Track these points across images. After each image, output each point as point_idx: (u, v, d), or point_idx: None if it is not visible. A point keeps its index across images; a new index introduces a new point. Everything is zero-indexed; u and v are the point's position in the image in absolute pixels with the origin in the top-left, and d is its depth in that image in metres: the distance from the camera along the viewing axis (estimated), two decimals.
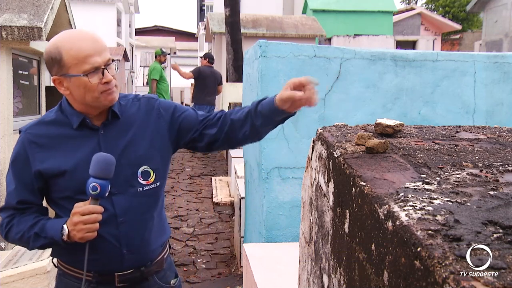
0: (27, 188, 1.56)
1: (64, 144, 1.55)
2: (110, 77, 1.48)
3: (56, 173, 1.52)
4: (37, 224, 1.53)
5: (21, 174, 1.55)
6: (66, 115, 1.57)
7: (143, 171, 1.58)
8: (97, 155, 1.44)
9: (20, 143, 1.57)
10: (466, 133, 1.16)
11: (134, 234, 1.58)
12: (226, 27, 11.09)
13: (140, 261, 1.61)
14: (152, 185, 1.61)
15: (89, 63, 1.45)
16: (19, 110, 4.38)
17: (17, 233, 1.54)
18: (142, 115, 1.64)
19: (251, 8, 17.37)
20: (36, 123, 1.60)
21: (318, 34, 13.22)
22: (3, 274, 2.72)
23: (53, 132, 1.56)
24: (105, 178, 1.43)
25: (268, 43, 3.13)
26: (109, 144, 1.56)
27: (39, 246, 1.55)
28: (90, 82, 1.45)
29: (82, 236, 1.44)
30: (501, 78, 3.40)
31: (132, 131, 1.60)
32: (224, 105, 9.27)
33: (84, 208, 1.44)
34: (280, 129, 3.16)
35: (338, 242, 0.85)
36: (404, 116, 3.28)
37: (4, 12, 3.88)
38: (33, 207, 1.59)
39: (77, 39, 1.47)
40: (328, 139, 1.02)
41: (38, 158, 1.53)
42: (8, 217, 1.58)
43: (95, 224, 1.44)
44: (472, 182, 0.74)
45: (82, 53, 1.45)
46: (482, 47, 13.25)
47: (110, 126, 1.58)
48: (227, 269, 4.27)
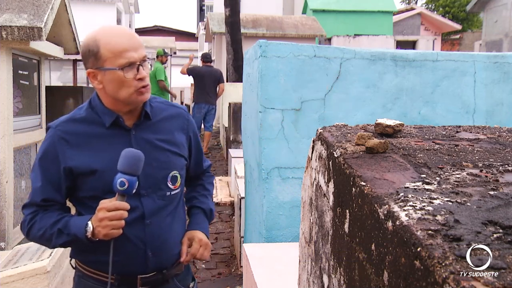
0: (53, 186, 1.54)
1: (94, 142, 1.53)
2: (145, 74, 1.49)
3: (86, 172, 1.51)
4: (60, 220, 1.51)
5: (49, 171, 1.53)
6: (97, 113, 1.56)
7: (172, 176, 1.59)
8: (126, 150, 1.43)
9: (49, 139, 1.54)
10: (466, 133, 1.16)
11: (159, 237, 1.57)
12: (226, 27, 11.09)
13: (162, 264, 1.60)
14: (177, 190, 1.63)
15: (125, 57, 1.45)
16: (19, 110, 4.38)
17: (39, 229, 1.52)
18: (172, 122, 1.66)
19: (251, 8, 17.37)
20: (66, 120, 1.57)
21: (318, 34, 13.22)
22: (3, 274, 2.72)
23: (84, 130, 1.55)
24: (133, 174, 1.41)
25: (268, 43, 3.13)
26: (141, 145, 1.55)
27: (62, 243, 1.52)
28: (125, 76, 1.46)
29: (107, 232, 1.42)
30: (501, 78, 3.40)
31: (162, 135, 1.61)
32: (224, 105, 9.28)
33: (110, 204, 1.42)
34: (280, 129, 3.16)
35: (338, 242, 0.85)
36: (404, 116, 3.28)
37: (4, 12, 3.88)
38: (57, 205, 1.57)
39: (115, 34, 1.48)
40: (328, 139, 1.02)
41: (68, 155, 1.51)
42: (31, 213, 1.55)
43: (121, 221, 1.42)
44: (472, 182, 0.74)
45: (119, 47, 1.45)
46: (482, 47, 13.26)
47: (142, 127, 1.58)
48: (227, 269, 4.27)
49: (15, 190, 4.18)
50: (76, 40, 5.19)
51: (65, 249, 3.13)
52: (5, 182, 3.89)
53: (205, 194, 1.82)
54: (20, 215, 4.32)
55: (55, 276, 2.90)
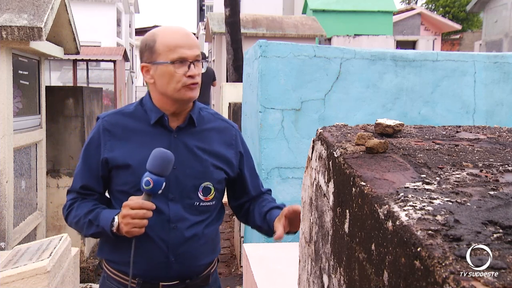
0: (92, 173, 1.57)
1: (136, 138, 1.56)
2: (195, 72, 1.50)
3: (120, 164, 1.53)
4: (93, 211, 1.53)
5: (90, 158, 1.57)
6: (145, 110, 1.59)
7: (205, 187, 1.58)
8: (156, 150, 1.42)
9: (96, 128, 1.59)
10: (466, 133, 1.16)
11: (183, 244, 1.55)
12: (226, 27, 11.09)
13: (186, 273, 1.58)
14: (209, 202, 1.60)
15: (178, 52, 1.48)
16: (19, 110, 4.38)
17: (75, 217, 1.56)
18: (218, 135, 1.65)
19: (251, 8, 17.38)
20: (114, 112, 1.62)
21: (318, 34, 13.22)
22: (3, 274, 2.72)
23: (129, 124, 1.58)
24: (161, 175, 1.40)
25: (268, 43, 3.13)
26: (180, 149, 1.55)
27: (91, 234, 1.54)
28: (176, 71, 1.48)
29: (128, 230, 1.42)
30: (501, 78, 3.40)
31: (204, 144, 1.60)
32: (224, 105, 9.28)
33: (134, 203, 1.42)
34: (280, 129, 3.16)
35: (338, 242, 0.85)
36: (404, 116, 3.28)
37: (4, 12, 3.88)
38: (95, 194, 1.60)
39: (172, 31, 1.54)
40: (328, 139, 1.02)
41: (108, 146, 1.55)
42: (71, 199, 1.60)
43: (143, 221, 1.42)
44: (472, 182, 0.74)
45: (174, 42, 1.49)
46: (482, 47, 13.26)
47: (184, 132, 1.58)
48: (227, 269, 4.27)
49: (15, 190, 4.18)
50: (76, 40, 5.19)
51: (64, 249, 3.13)
52: (5, 182, 3.89)
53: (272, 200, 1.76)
54: (20, 215, 4.32)
55: (55, 276, 2.90)
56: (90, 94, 6.33)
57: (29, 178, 4.61)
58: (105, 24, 18.86)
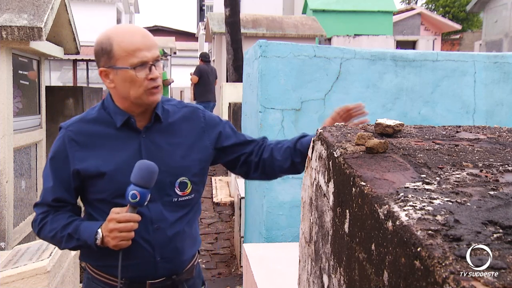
0: (64, 186, 1.53)
1: (105, 144, 1.51)
2: (157, 74, 1.46)
3: (94, 174, 1.49)
4: (71, 224, 1.50)
5: (59, 171, 1.53)
6: (109, 113, 1.54)
7: (181, 182, 1.56)
8: (141, 162, 1.40)
9: (60, 140, 1.53)
10: (466, 133, 1.16)
11: (167, 243, 1.54)
12: (226, 27, 11.08)
13: (172, 270, 1.57)
14: (187, 196, 1.58)
15: (138, 57, 1.43)
16: (19, 110, 4.38)
17: (50, 231, 1.52)
18: (186, 124, 1.61)
19: (251, 8, 17.37)
20: (77, 120, 1.56)
21: (318, 34, 13.22)
22: (3, 274, 2.72)
23: (95, 130, 1.53)
24: (146, 187, 1.39)
25: (268, 43, 3.13)
26: (150, 149, 1.53)
27: (72, 247, 1.52)
28: (137, 76, 1.43)
29: (116, 244, 1.41)
30: (501, 78, 3.40)
31: (174, 138, 1.57)
32: (224, 105, 9.28)
33: (121, 216, 1.40)
34: (280, 129, 3.16)
35: (338, 242, 0.85)
36: (404, 116, 3.28)
37: (4, 12, 3.88)
38: (68, 206, 1.56)
39: (129, 33, 1.47)
40: (328, 139, 1.02)
41: (77, 157, 1.50)
42: (42, 213, 1.55)
43: (131, 233, 1.40)
44: (472, 182, 0.74)
45: (133, 46, 1.43)
46: (482, 47, 13.26)
47: (152, 130, 1.55)
48: (227, 269, 4.27)
49: (15, 190, 4.18)
50: (76, 40, 5.19)
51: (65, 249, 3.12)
52: (5, 182, 3.89)
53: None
54: (20, 215, 4.32)
55: (55, 276, 2.90)
56: (90, 94, 6.33)
57: (29, 178, 4.61)
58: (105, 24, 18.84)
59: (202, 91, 9.17)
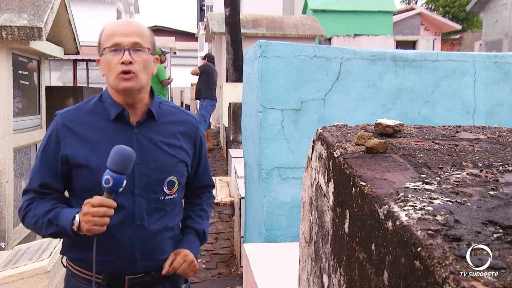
0: (51, 171, 1.53)
1: (96, 135, 1.52)
2: (128, 58, 1.46)
3: (81, 164, 1.49)
4: (52, 210, 1.50)
5: (48, 156, 1.53)
6: (105, 106, 1.56)
7: (169, 181, 1.57)
8: (117, 147, 1.40)
9: (53, 125, 1.55)
10: (466, 133, 1.16)
11: (149, 240, 1.55)
12: (226, 27, 11.09)
13: (151, 267, 1.58)
14: (173, 195, 1.59)
15: (112, 40, 1.47)
16: (19, 110, 4.38)
17: (33, 217, 1.52)
18: (178, 127, 1.63)
19: (251, 8, 17.37)
20: (73, 109, 1.59)
21: (318, 34, 13.22)
22: (3, 274, 2.72)
23: (88, 120, 1.54)
24: (121, 173, 1.38)
25: (268, 43, 3.13)
26: (143, 144, 1.53)
27: (51, 233, 1.51)
28: (111, 59, 1.46)
29: (89, 228, 1.40)
30: (501, 78, 3.40)
31: (166, 137, 1.58)
32: (224, 105, 9.29)
33: (94, 200, 1.39)
34: (280, 129, 3.16)
35: (338, 242, 0.85)
36: (404, 116, 3.28)
37: (4, 12, 3.88)
38: (54, 193, 1.56)
39: (115, 22, 1.54)
40: (328, 139, 1.02)
41: (68, 143, 1.51)
42: (28, 200, 1.55)
43: (104, 219, 1.39)
44: (472, 182, 0.74)
45: (110, 31, 1.49)
46: (482, 47, 13.25)
47: (145, 126, 1.56)
48: (227, 269, 4.27)
49: (15, 190, 4.18)
50: (76, 40, 5.18)
51: None
52: (5, 182, 3.89)
53: (201, 215, 1.77)
54: None
55: (55, 276, 2.90)
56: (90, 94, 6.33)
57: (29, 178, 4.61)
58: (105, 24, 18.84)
59: (207, 89, 9.23)
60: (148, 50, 1.51)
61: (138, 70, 1.48)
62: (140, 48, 1.49)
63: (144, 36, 1.52)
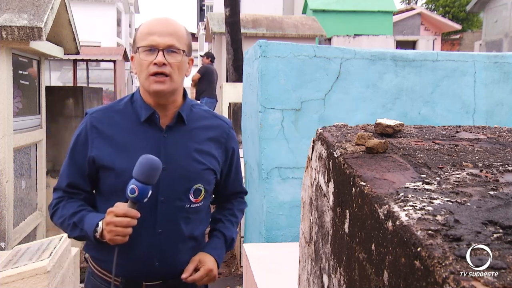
0: (79, 171, 1.51)
1: (124, 137, 1.48)
2: (161, 60, 1.41)
3: (107, 166, 1.46)
4: (78, 213, 1.48)
5: (77, 156, 1.51)
6: (135, 107, 1.51)
7: (196, 189, 1.51)
8: (144, 157, 1.35)
9: (83, 125, 1.52)
10: (466, 133, 1.16)
11: (169, 248, 1.51)
12: (226, 27, 11.08)
13: (169, 274, 1.54)
14: (199, 203, 1.54)
15: (147, 39, 1.43)
16: (19, 110, 4.38)
17: (60, 217, 1.51)
18: (209, 132, 1.57)
19: (251, 8, 17.37)
20: (103, 108, 1.54)
21: (318, 34, 13.22)
22: (3, 274, 2.72)
23: (118, 121, 1.50)
24: (147, 183, 1.34)
25: (268, 43, 3.13)
26: (172, 150, 1.49)
27: (75, 236, 1.50)
28: (144, 59, 1.42)
29: (110, 238, 1.37)
30: (501, 78, 3.40)
31: (196, 143, 1.53)
32: (224, 105, 9.30)
33: (119, 209, 1.36)
34: (280, 129, 3.16)
35: (338, 242, 0.85)
36: (404, 116, 3.28)
37: (4, 12, 3.88)
38: (82, 194, 1.54)
39: (152, 20, 1.49)
40: (328, 139, 1.01)
41: (96, 144, 1.48)
42: (58, 198, 1.54)
43: (127, 229, 1.36)
44: (472, 182, 0.74)
45: (146, 29, 1.45)
46: (482, 47, 13.25)
47: (174, 131, 1.51)
48: (227, 269, 4.27)
49: (15, 190, 4.18)
50: (76, 40, 5.18)
51: (64, 249, 3.13)
52: (5, 182, 3.89)
53: (231, 220, 1.71)
54: (20, 215, 4.32)
55: (55, 276, 2.90)
56: (90, 94, 6.33)
57: (29, 178, 4.61)
58: (105, 24, 18.86)
59: (208, 88, 9.29)
60: (183, 52, 1.47)
61: (171, 72, 1.45)
62: (175, 50, 1.45)
63: (180, 37, 1.47)
